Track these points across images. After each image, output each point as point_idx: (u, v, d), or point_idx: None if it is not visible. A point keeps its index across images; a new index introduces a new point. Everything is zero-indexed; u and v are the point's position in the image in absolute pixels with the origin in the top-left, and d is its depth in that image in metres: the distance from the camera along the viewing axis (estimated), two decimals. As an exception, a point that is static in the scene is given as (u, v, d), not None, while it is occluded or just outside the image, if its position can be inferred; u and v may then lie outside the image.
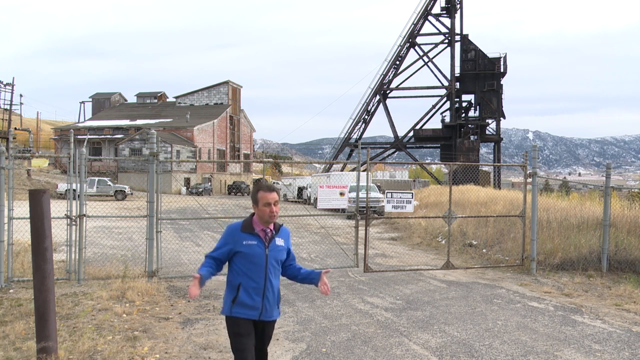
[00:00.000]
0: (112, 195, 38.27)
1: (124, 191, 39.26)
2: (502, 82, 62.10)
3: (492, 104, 60.98)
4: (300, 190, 41.36)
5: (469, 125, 61.93)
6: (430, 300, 8.19)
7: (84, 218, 8.90)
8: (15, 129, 48.08)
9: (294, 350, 5.70)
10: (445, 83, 62.59)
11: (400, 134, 64.10)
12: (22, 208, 8.47)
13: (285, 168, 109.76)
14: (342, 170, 55.72)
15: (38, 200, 5.10)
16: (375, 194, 21.48)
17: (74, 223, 8.77)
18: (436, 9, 62.76)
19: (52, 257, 5.13)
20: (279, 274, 3.80)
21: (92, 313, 6.86)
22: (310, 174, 69.96)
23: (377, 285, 9.28)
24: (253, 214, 3.76)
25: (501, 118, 62.02)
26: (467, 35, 62.76)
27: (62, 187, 35.88)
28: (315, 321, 6.88)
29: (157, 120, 65.84)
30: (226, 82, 72.64)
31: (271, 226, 3.74)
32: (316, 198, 11.46)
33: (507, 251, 12.13)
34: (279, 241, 3.76)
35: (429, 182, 61.60)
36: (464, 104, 64.07)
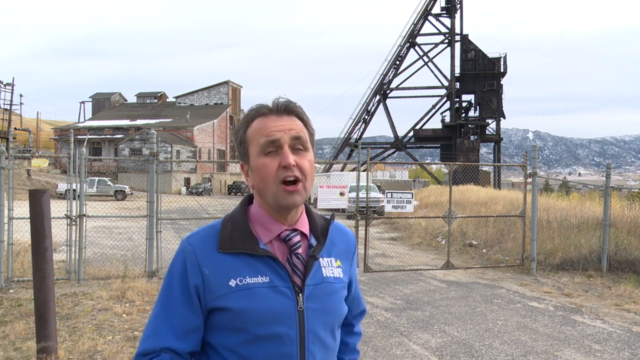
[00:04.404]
0: (112, 195, 38.26)
1: (124, 191, 39.25)
2: (502, 82, 62.07)
3: (492, 104, 60.98)
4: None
5: (469, 125, 61.91)
6: (430, 300, 8.19)
7: (84, 218, 8.90)
8: (15, 129, 48.05)
9: (294, 350, 5.69)
10: (445, 83, 62.56)
11: (400, 134, 64.07)
12: (22, 208, 8.46)
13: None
14: (342, 170, 55.68)
15: (38, 200, 5.10)
16: (375, 194, 21.47)
17: (74, 223, 8.77)
18: (436, 9, 62.73)
19: (52, 257, 5.13)
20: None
21: (92, 313, 6.86)
22: (310, 173, 69.58)
23: (377, 285, 9.28)
24: (247, 201, 1.43)
25: (501, 118, 62.02)
26: (467, 35, 62.75)
27: (62, 187, 35.82)
28: (315, 321, 6.86)
29: (157, 120, 65.85)
30: (226, 82, 72.72)
31: (301, 224, 1.40)
32: (316, 198, 11.45)
33: (507, 251, 12.13)
34: (330, 266, 1.42)
35: (429, 182, 61.56)
36: (464, 104, 64.04)
